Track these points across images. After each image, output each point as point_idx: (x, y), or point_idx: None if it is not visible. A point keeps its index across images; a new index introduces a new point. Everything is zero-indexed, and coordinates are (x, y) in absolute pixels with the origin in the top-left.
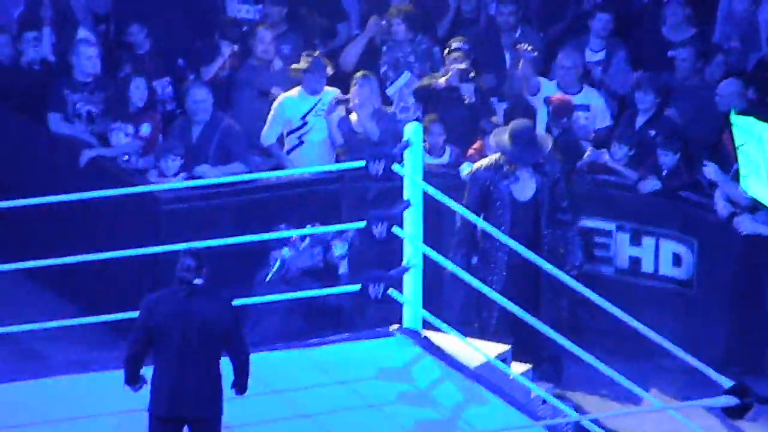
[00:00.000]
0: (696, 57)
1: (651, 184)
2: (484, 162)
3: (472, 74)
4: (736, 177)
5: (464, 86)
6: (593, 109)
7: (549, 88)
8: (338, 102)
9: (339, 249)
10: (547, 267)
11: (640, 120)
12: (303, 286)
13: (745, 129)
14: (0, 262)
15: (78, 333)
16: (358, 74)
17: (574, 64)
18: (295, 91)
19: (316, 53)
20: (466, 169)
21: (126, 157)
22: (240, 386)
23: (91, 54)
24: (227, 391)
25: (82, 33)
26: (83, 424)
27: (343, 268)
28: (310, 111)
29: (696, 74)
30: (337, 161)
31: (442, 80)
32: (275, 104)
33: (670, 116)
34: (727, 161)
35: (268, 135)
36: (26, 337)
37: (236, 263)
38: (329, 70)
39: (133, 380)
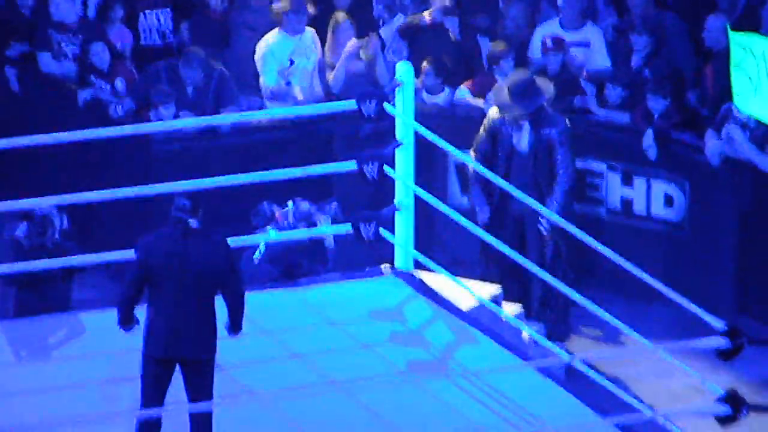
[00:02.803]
0: None
1: (649, 139)
2: (495, 109)
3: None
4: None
5: (448, 20)
6: (593, 47)
7: (551, 27)
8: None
9: (323, 223)
10: (540, 209)
11: (635, 60)
12: (290, 263)
13: (743, 46)
14: None
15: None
16: (339, 18)
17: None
18: (275, 34)
19: None
20: (460, 94)
21: (119, 108)
22: (234, 327)
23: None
24: (220, 332)
25: None
26: (76, 364)
27: (329, 242)
28: (293, 51)
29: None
30: (319, 101)
31: (426, 15)
32: (262, 52)
33: (665, 56)
34: (709, 96)
35: (268, 80)
36: None
37: (229, 203)
38: (310, 10)
39: (127, 321)
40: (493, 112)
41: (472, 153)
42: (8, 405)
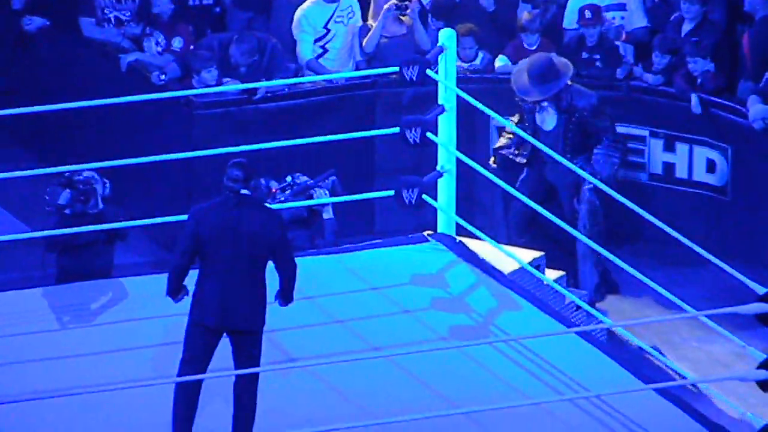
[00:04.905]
0: None
1: (696, 102)
2: None
3: None
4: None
5: None
6: (630, 9)
7: None
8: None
9: (321, 197)
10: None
11: (685, 28)
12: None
13: None
14: (39, 166)
15: None
16: None
17: None
18: (312, 1)
19: None
20: (499, 63)
21: (163, 76)
22: (286, 297)
23: None
24: (271, 300)
25: None
26: (118, 329)
27: (327, 214)
28: (330, 18)
29: None
30: (357, 68)
31: None
32: (297, 19)
33: (714, 23)
34: (744, 65)
35: (304, 51)
36: None
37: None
38: None
39: (177, 292)
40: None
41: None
42: (51, 370)
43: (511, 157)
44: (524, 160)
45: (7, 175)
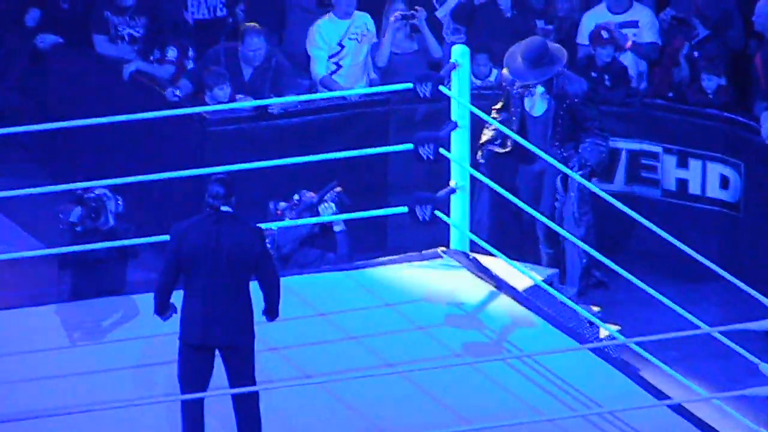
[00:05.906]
0: None
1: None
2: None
3: None
4: None
5: (502, 0)
6: (642, 26)
7: (599, 13)
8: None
9: (327, 211)
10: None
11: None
12: (302, 256)
13: None
14: (52, 183)
15: None
16: None
17: None
18: (326, 18)
19: None
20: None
21: (177, 92)
22: (271, 312)
23: None
24: (259, 317)
25: None
26: (129, 346)
27: (338, 227)
28: (344, 34)
29: None
30: (371, 85)
31: None
32: (311, 35)
33: (727, 39)
34: (759, 84)
35: (318, 67)
36: None
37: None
38: None
39: (164, 309)
40: (506, 73)
41: (493, 113)
42: (63, 387)
43: (497, 150)
44: (509, 148)
45: (21, 192)
